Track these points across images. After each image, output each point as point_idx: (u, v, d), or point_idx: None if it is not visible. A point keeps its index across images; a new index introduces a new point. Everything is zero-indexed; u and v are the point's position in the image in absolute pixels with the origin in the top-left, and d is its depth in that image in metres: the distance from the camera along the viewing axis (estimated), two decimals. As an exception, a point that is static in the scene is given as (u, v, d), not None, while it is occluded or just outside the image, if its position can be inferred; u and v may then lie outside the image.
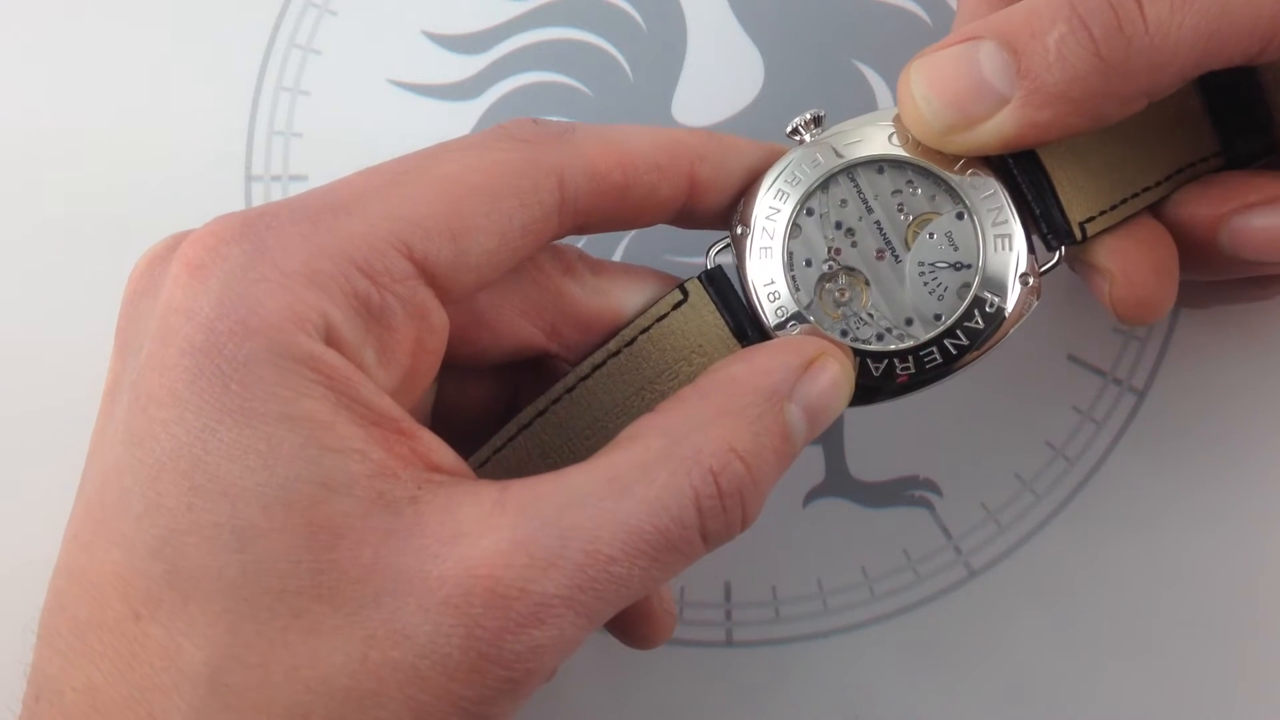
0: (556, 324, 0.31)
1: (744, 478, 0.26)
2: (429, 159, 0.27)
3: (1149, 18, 0.27)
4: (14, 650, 0.28)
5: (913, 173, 0.30)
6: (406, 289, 0.26)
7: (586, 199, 0.28)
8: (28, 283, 0.39)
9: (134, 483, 0.25)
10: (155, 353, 0.25)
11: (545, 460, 0.30)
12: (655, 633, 0.32)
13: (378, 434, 0.25)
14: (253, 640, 0.24)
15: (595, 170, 0.28)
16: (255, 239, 0.25)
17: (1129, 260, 0.30)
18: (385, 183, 0.27)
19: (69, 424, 0.38)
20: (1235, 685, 0.37)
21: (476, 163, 0.27)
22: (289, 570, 0.24)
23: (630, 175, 0.29)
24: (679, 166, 0.29)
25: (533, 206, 0.27)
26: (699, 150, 0.29)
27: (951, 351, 0.30)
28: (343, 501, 0.24)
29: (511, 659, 0.24)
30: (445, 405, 0.32)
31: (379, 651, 0.24)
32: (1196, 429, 0.37)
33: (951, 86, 0.28)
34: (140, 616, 0.25)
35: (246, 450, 0.24)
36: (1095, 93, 0.27)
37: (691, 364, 0.30)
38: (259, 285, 0.25)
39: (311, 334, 0.25)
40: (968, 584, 0.37)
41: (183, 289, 0.25)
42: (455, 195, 0.26)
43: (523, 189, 0.27)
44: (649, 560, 0.25)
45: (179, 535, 0.24)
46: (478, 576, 0.24)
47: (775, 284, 0.30)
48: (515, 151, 0.28)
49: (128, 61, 0.40)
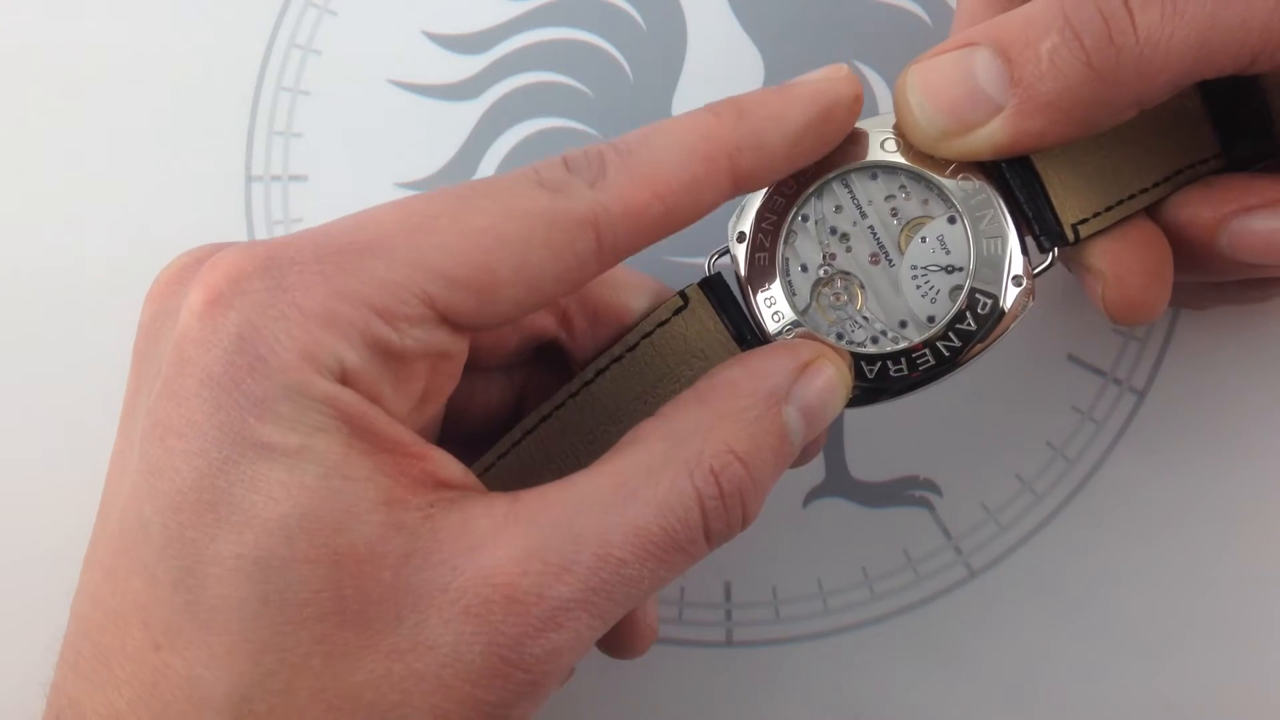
0: (568, 310, 0.31)
1: (744, 478, 0.27)
2: (460, 204, 0.26)
3: (1140, 28, 0.27)
4: (29, 670, 0.28)
5: (905, 177, 0.30)
6: (425, 332, 0.26)
7: (627, 238, 0.27)
8: (28, 284, 0.39)
9: (154, 513, 0.25)
10: (171, 380, 0.25)
11: (549, 464, 0.30)
12: (636, 643, 0.33)
13: (390, 460, 0.25)
14: (276, 668, 0.24)
15: (632, 211, 0.27)
16: (277, 274, 0.25)
17: (1122, 262, 0.30)
18: (415, 227, 0.26)
19: (73, 430, 0.38)
20: (1235, 685, 0.37)
21: (510, 210, 0.26)
22: (311, 599, 0.24)
23: (670, 203, 0.27)
24: (717, 170, 0.28)
25: (567, 259, 0.26)
26: (734, 142, 0.28)
27: (944, 353, 0.30)
28: (362, 528, 0.25)
29: (532, 662, 0.25)
30: (453, 407, 0.32)
31: (402, 664, 0.25)
32: (1196, 429, 0.37)
33: (946, 93, 0.29)
34: (160, 647, 0.25)
35: (267, 482, 0.24)
36: (1087, 102, 0.28)
37: (692, 368, 0.30)
38: (278, 324, 0.25)
39: (325, 375, 0.25)
40: (968, 584, 0.37)
41: (200, 320, 0.25)
42: (485, 247, 0.26)
43: (555, 242, 0.26)
44: (657, 561, 0.26)
45: (202, 566, 0.25)
46: (495, 585, 0.25)
47: (772, 290, 0.31)
48: (549, 199, 0.26)
49: (128, 61, 0.40)
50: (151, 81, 0.40)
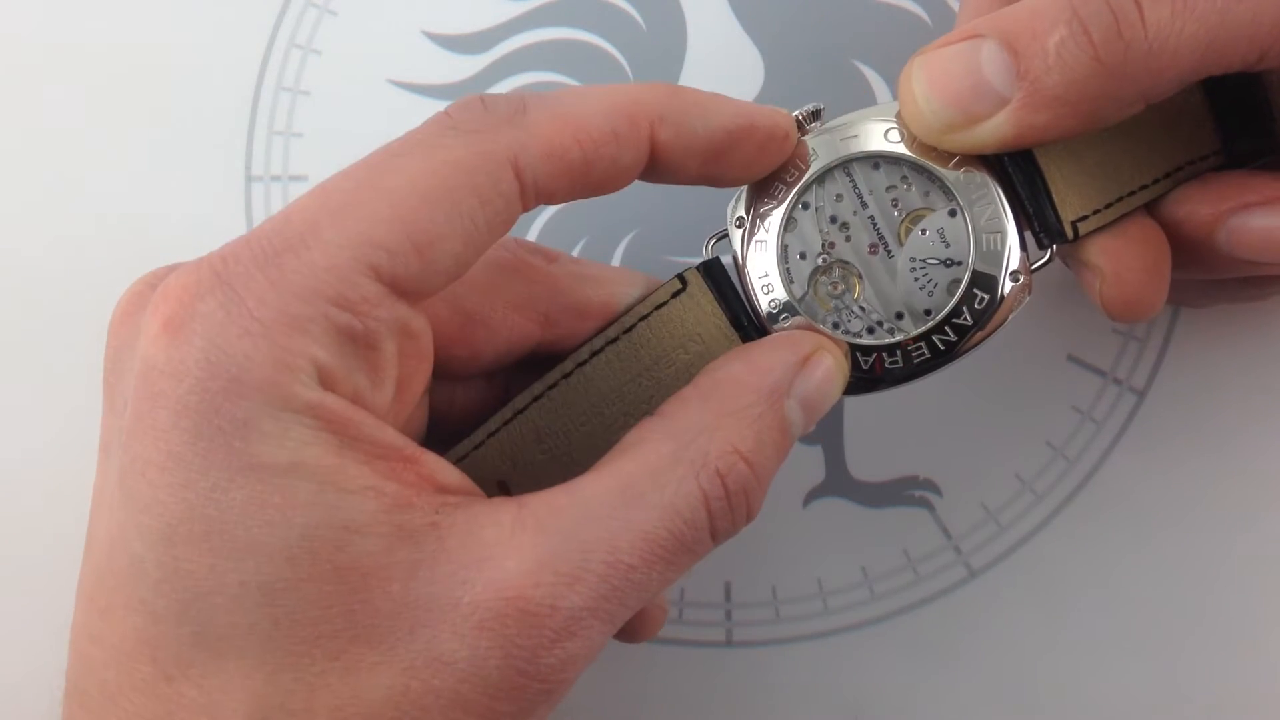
0: (550, 313, 0.31)
1: (748, 477, 0.27)
2: (376, 171, 0.26)
3: (1149, 23, 0.27)
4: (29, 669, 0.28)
5: (908, 169, 0.30)
6: (385, 310, 0.26)
7: (546, 180, 0.27)
8: (28, 286, 0.39)
9: (145, 549, 0.25)
10: (144, 415, 0.25)
11: (540, 445, 0.30)
12: (650, 627, 0.33)
13: (385, 467, 0.25)
14: (293, 688, 0.24)
15: (552, 151, 0.27)
16: (227, 290, 0.25)
17: (1120, 259, 0.30)
18: (338, 206, 0.26)
19: (74, 432, 0.38)
20: (1235, 685, 0.37)
21: (427, 165, 0.26)
22: (321, 616, 0.24)
23: (589, 150, 0.27)
24: (639, 131, 0.28)
25: (493, 201, 0.26)
26: (658, 110, 0.28)
27: (940, 347, 0.30)
28: (365, 541, 0.25)
29: (547, 672, 0.25)
30: (435, 415, 0.32)
31: (420, 681, 0.24)
32: (1196, 429, 0.37)
33: (952, 86, 0.29)
34: (173, 678, 0.25)
35: (262, 505, 0.24)
36: (1093, 96, 0.28)
37: (688, 351, 0.30)
38: (243, 340, 0.24)
39: (305, 381, 0.25)
40: (968, 584, 0.37)
41: (163, 349, 0.25)
42: (412, 206, 0.25)
43: (479, 185, 0.26)
44: (665, 564, 0.26)
45: (204, 597, 0.24)
46: (508, 598, 0.25)
47: (770, 276, 0.30)
48: (464, 145, 0.26)
49: (127, 61, 0.40)
50: (152, 81, 0.40)
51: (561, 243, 0.38)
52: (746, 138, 0.29)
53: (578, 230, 0.39)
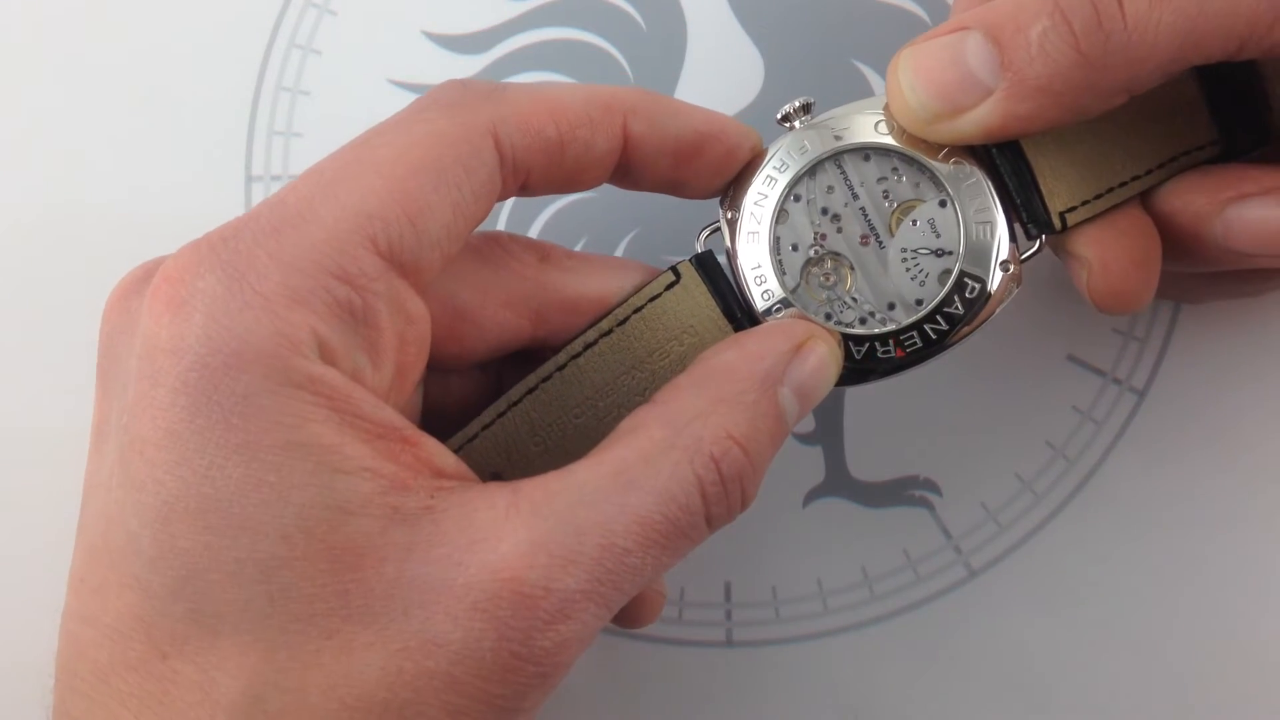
0: (542, 310, 0.31)
1: (743, 462, 0.27)
2: (363, 148, 0.27)
3: (1128, 14, 0.27)
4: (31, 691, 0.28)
5: (898, 160, 0.31)
6: (384, 285, 0.26)
7: (524, 154, 0.28)
8: (27, 286, 0.39)
9: (140, 526, 0.25)
10: (144, 394, 0.25)
11: (534, 437, 0.30)
12: (649, 612, 0.33)
13: (384, 447, 0.25)
14: (287, 665, 0.24)
15: (529, 125, 0.28)
16: (227, 265, 0.25)
17: (1108, 250, 0.30)
18: (330, 181, 0.26)
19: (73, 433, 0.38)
20: (1235, 685, 0.36)
21: (411, 138, 0.27)
22: (316, 594, 0.24)
23: (564, 129, 0.28)
24: (612, 121, 0.29)
25: (477, 170, 0.27)
26: (632, 105, 0.29)
27: (932, 335, 0.30)
28: (360, 521, 0.25)
29: (542, 655, 0.25)
30: (428, 404, 0.32)
31: (413, 662, 0.24)
32: (1196, 429, 0.37)
33: (937, 77, 0.29)
34: (168, 655, 0.25)
35: (258, 483, 0.24)
36: (1075, 86, 0.28)
37: (682, 343, 0.30)
38: (244, 313, 0.25)
39: (306, 354, 0.25)
40: (968, 584, 0.37)
41: (165, 327, 0.25)
42: (401, 177, 0.26)
43: (463, 154, 0.27)
44: (660, 548, 0.26)
45: (199, 574, 0.24)
46: (502, 580, 0.25)
47: (762, 268, 0.31)
48: (446, 118, 0.27)
49: (127, 62, 0.40)
50: (151, 81, 0.40)
51: (561, 242, 0.38)
52: (717, 141, 0.30)
53: (578, 230, 0.39)
